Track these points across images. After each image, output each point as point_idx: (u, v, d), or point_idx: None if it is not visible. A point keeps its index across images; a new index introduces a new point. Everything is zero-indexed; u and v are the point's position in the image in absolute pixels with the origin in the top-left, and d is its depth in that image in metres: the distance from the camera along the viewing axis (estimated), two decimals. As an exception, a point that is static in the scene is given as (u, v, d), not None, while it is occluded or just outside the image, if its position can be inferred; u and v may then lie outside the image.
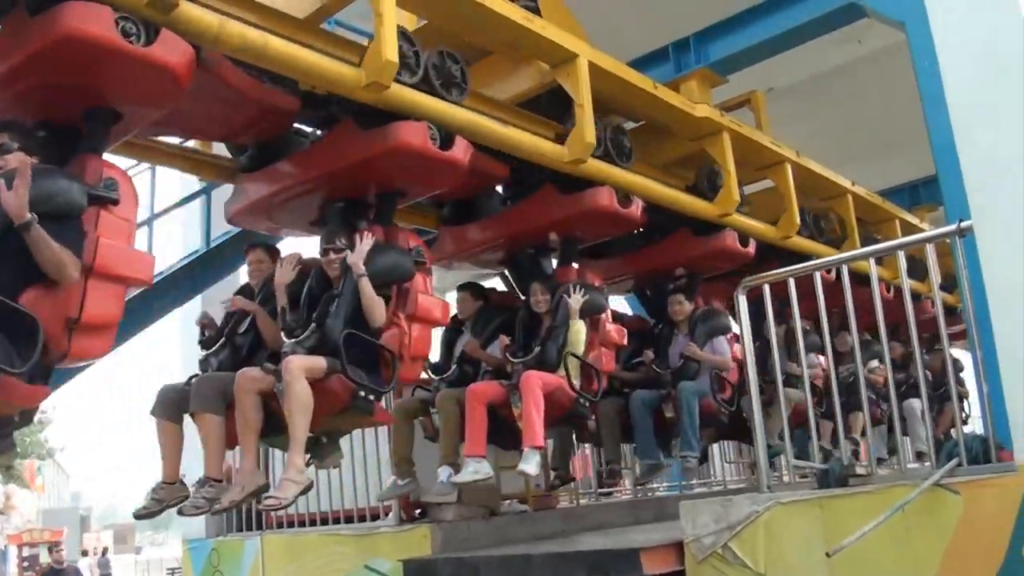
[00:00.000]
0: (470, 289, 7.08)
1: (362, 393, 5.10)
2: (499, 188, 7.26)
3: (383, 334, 5.34)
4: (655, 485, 10.02)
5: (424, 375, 6.75)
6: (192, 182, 8.40)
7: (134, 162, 6.65)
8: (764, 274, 5.26)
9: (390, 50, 4.71)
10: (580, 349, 6.34)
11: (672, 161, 7.75)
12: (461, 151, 5.39)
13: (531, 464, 5.81)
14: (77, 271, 3.95)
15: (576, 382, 6.25)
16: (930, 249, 4.85)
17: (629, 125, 7.58)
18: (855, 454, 7.25)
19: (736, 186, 7.25)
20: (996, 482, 3.99)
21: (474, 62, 6.47)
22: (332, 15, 5.71)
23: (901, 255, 4.99)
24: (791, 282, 5.05)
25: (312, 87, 5.25)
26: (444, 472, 6.12)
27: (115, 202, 4.23)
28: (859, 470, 4.62)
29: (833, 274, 5.47)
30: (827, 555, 4.20)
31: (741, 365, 7.42)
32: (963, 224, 4.28)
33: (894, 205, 10.55)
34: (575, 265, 7.01)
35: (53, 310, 3.98)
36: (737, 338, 7.97)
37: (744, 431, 7.69)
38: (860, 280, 5.21)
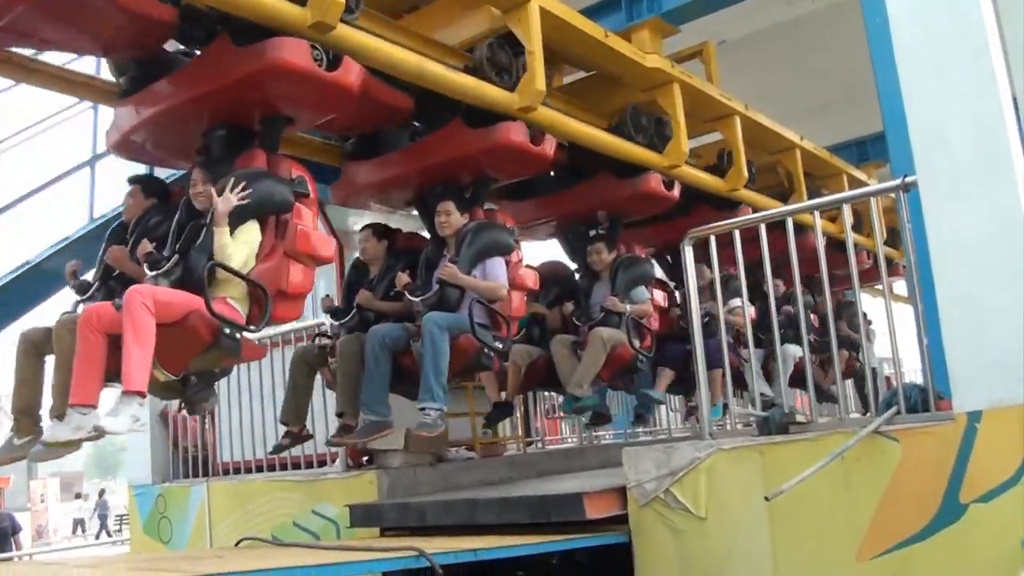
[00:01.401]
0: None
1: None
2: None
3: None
4: (601, 432, 10.12)
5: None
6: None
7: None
8: (710, 225, 5.29)
9: None
10: None
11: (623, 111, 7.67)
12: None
13: (119, 417, 4.32)
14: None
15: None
16: (874, 203, 4.92)
17: (580, 74, 7.59)
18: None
19: (685, 138, 7.24)
20: (935, 430, 4.08)
21: (424, 6, 6.44)
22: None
23: (847, 208, 5.08)
24: (736, 233, 5.12)
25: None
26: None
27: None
28: (799, 418, 4.69)
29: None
30: (766, 499, 4.28)
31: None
32: (907, 180, 4.35)
33: (842, 160, 10.65)
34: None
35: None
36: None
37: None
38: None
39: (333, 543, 6.11)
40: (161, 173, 6.71)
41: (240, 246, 4.89)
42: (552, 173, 7.52)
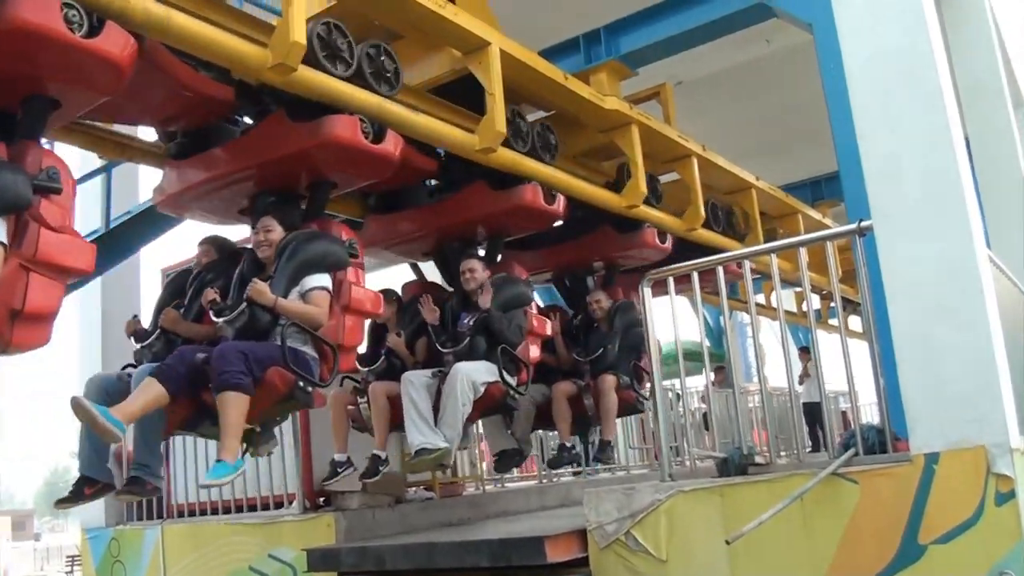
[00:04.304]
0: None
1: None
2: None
3: None
4: (561, 471, 10.09)
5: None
6: (91, 159, 8.16)
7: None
8: (669, 267, 5.34)
9: (298, 31, 4.60)
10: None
11: (582, 153, 7.77)
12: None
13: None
14: None
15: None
16: (830, 246, 4.97)
17: (539, 114, 7.62)
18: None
19: (643, 178, 7.29)
20: (893, 471, 4.10)
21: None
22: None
23: (803, 251, 5.13)
24: (695, 276, 5.17)
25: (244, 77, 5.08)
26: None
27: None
28: (758, 459, 4.71)
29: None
30: (727, 542, 4.28)
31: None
32: (863, 224, 4.40)
33: (797, 200, 10.77)
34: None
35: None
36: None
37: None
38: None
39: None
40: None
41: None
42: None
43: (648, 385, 7.48)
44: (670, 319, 5.35)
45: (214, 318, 5.25)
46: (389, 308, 6.84)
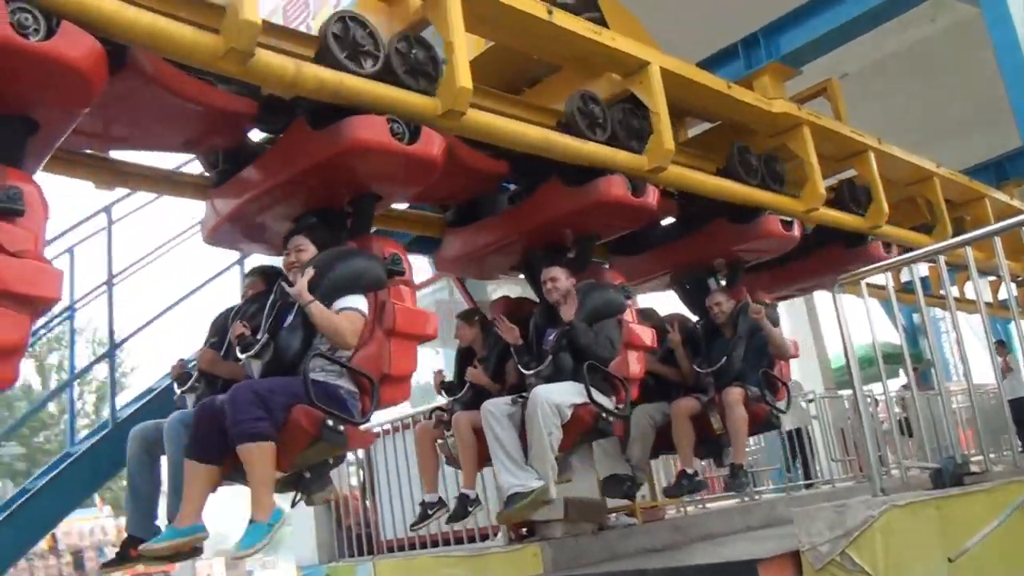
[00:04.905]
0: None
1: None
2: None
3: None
4: (761, 488, 9.87)
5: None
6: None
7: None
8: (862, 270, 5.18)
9: (464, 77, 4.68)
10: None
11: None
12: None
13: None
14: None
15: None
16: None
17: (704, 125, 7.55)
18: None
19: (820, 180, 7.11)
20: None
21: (543, 78, 6.51)
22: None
23: (998, 240, 4.90)
24: (888, 276, 5.01)
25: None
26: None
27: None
28: (973, 468, 4.51)
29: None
30: (949, 560, 4.10)
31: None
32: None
33: (981, 184, 10.28)
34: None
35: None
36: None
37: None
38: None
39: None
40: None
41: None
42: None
43: (784, 397, 6.81)
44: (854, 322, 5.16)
45: (240, 354, 4.77)
46: (471, 330, 6.55)
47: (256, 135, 5.48)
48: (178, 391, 5.37)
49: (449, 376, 6.59)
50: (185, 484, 4.41)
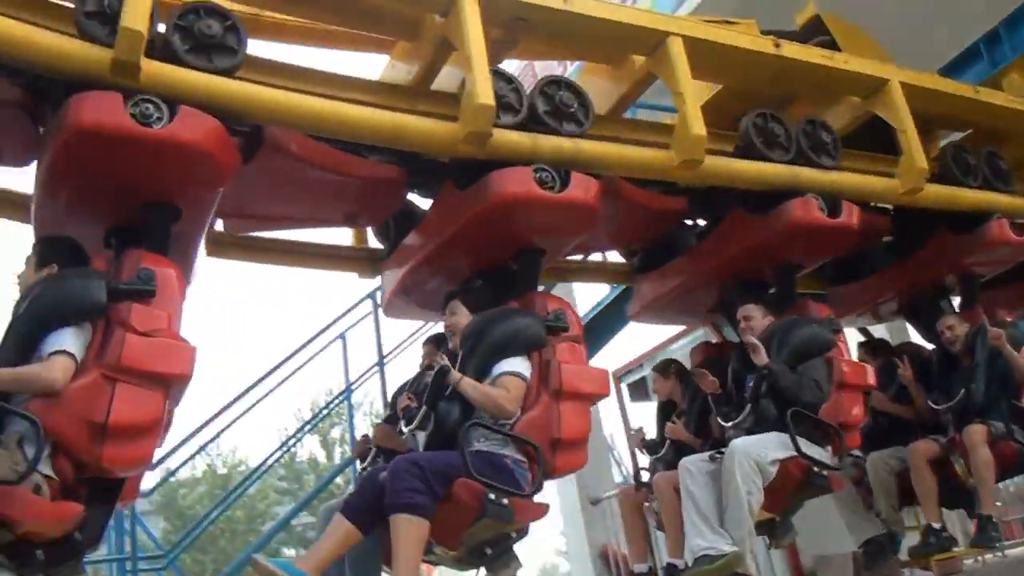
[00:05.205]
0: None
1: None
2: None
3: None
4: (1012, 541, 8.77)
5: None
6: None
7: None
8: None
9: (698, 125, 4.67)
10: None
11: (1018, 166, 6.69)
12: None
13: None
14: None
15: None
16: None
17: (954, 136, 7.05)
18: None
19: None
20: None
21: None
22: (634, 100, 5.66)
23: None
24: None
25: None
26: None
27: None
28: None
29: None
30: None
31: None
32: None
33: None
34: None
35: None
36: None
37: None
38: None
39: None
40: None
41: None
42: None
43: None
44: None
45: (403, 427, 4.69)
46: (667, 382, 6.25)
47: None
48: (359, 467, 5.43)
49: (651, 434, 6.31)
50: (324, 535, 4.28)
